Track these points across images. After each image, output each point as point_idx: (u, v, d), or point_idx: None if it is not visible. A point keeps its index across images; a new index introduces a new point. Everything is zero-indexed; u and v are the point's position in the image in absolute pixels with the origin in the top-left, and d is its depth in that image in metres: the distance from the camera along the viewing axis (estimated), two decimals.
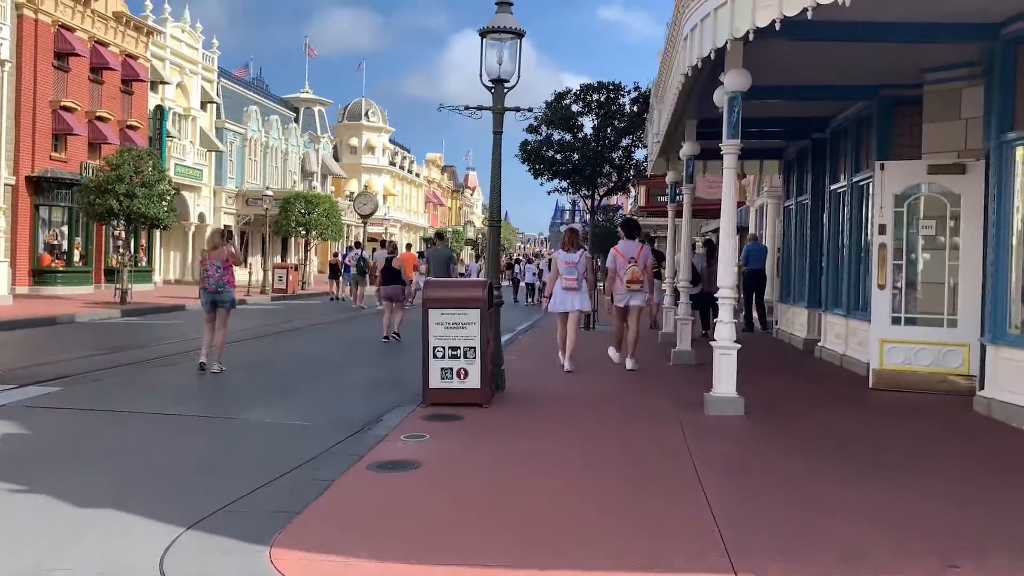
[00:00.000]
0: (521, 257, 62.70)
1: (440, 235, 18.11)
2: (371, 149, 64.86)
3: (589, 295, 11.56)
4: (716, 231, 25.96)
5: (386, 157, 66.42)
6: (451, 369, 8.48)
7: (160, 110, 35.31)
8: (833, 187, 13.39)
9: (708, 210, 23.36)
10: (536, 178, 20.17)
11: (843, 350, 12.18)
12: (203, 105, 40.45)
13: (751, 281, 17.36)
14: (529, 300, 33.13)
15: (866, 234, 11.87)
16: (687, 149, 12.15)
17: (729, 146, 8.18)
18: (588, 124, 19.63)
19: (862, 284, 11.94)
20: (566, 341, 11.19)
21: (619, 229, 12.65)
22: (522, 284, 35.84)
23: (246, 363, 12.51)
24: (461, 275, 25.16)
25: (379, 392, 10.52)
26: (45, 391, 9.85)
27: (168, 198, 25.00)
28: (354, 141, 64.41)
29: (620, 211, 63.32)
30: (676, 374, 11.33)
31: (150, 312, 22.21)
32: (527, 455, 6.63)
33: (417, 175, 76.15)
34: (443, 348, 8.48)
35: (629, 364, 11.31)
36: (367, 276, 27.25)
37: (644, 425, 7.85)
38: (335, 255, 34.35)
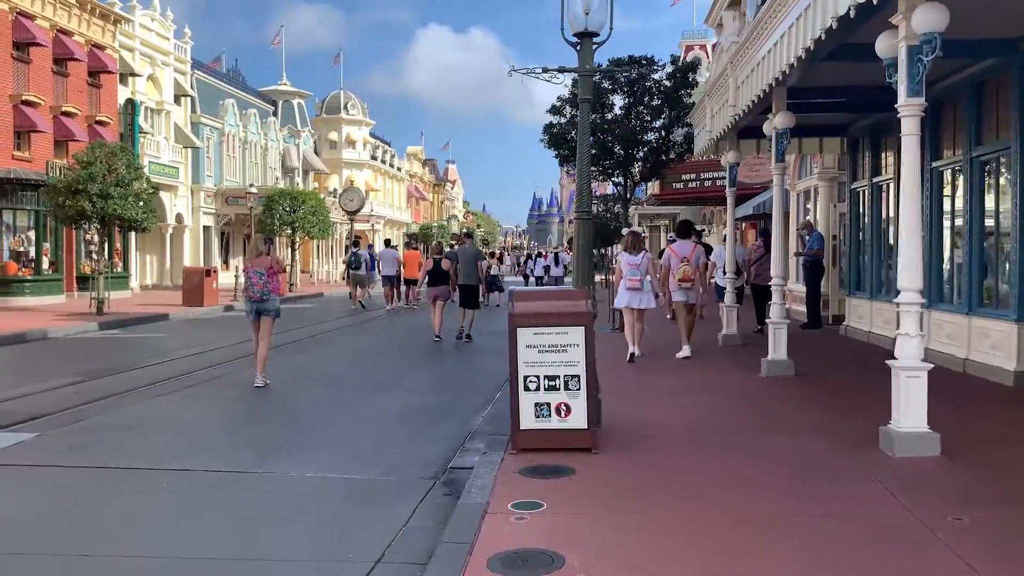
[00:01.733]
0: (500, 249, 60.34)
1: (469, 234, 16.79)
2: (351, 143, 62.33)
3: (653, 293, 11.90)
4: (746, 218, 24.08)
5: (367, 151, 63.90)
6: (548, 404, 6.53)
7: (131, 104, 32.82)
8: (935, 164, 11.53)
9: (743, 195, 21.36)
10: (562, 165, 18.19)
11: (964, 354, 10.34)
12: (177, 99, 37.95)
13: (816, 272, 15.46)
14: None
15: (998, 218, 10.05)
16: (781, 121, 10.13)
17: (911, 107, 6.24)
18: (618, 103, 17.69)
19: (989, 276, 10.12)
20: (634, 332, 11.75)
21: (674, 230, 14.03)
22: (532, 279, 33.89)
23: (256, 390, 10.50)
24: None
25: (431, 425, 8.57)
26: (18, 439, 7.85)
27: (145, 198, 22.78)
28: (333, 135, 61.86)
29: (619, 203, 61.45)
30: (787, 391, 9.40)
31: (131, 323, 19.99)
32: (706, 540, 4.68)
33: (399, 169, 73.62)
34: (536, 378, 6.53)
35: (685, 351, 11.94)
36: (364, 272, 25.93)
37: (816, 474, 5.93)
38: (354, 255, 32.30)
